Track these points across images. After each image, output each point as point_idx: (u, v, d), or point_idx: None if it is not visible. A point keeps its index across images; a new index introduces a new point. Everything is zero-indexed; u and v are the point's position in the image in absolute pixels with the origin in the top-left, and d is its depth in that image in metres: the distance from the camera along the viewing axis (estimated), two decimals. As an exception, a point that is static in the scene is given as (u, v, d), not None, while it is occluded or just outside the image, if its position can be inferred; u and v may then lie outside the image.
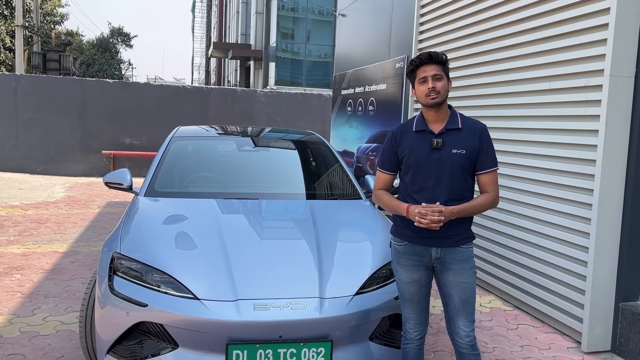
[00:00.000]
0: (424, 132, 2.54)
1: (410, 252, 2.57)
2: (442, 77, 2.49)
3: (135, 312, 2.58)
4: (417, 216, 2.39)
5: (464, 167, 2.50)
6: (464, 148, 2.48)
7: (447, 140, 2.50)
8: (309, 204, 3.71)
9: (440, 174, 2.48)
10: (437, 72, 2.47)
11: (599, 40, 3.64)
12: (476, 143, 2.50)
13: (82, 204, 8.88)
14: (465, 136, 2.51)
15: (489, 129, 2.60)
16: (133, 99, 12.98)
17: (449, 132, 2.51)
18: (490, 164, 2.53)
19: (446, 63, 2.53)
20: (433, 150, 2.49)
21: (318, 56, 25.09)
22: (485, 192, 2.54)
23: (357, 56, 8.95)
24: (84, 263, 5.32)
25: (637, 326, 3.54)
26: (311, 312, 2.58)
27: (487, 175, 2.54)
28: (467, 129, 2.53)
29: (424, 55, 2.49)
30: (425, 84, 2.48)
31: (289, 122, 13.58)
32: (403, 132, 2.61)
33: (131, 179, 3.84)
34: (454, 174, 2.48)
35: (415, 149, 2.53)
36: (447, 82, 2.52)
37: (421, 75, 2.49)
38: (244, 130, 5.03)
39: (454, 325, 2.58)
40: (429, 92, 2.46)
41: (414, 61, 2.52)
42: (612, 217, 3.64)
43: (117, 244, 2.93)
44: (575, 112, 3.87)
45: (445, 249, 2.52)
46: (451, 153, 2.48)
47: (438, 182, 2.48)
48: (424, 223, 2.37)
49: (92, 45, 42.95)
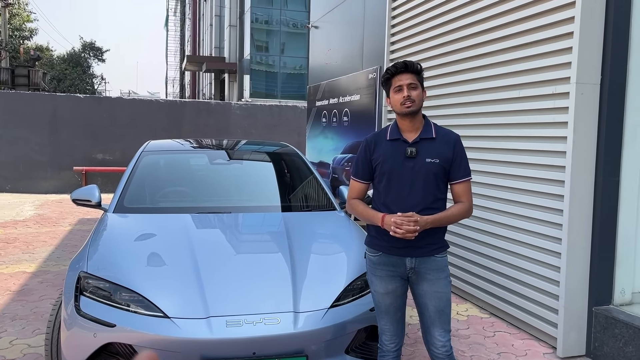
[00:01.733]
0: (398, 140, 2.53)
1: (384, 263, 2.55)
2: (417, 86, 2.49)
3: (103, 333, 2.50)
4: (392, 225, 2.38)
5: (438, 176, 2.50)
6: (437, 157, 2.49)
7: (421, 149, 2.50)
8: (283, 216, 3.67)
9: (414, 183, 2.48)
10: (412, 81, 2.48)
11: (565, 48, 3.71)
12: (450, 153, 2.51)
13: (52, 221, 8.66)
14: (439, 145, 2.51)
15: (461, 138, 2.61)
16: (105, 113, 12.79)
17: (423, 141, 2.51)
18: (463, 174, 2.54)
19: (421, 72, 2.54)
20: (407, 159, 2.49)
21: (293, 68, 25.16)
22: (460, 201, 2.55)
23: (331, 67, 8.98)
24: (53, 283, 5.17)
25: (611, 330, 3.58)
26: (285, 327, 2.53)
27: (461, 185, 2.54)
28: (441, 138, 2.54)
29: (399, 64, 2.50)
30: (401, 92, 2.48)
31: (264, 134, 13.53)
32: (377, 140, 2.60)
33: (100, 195, 3.75)
34: (428, 182, 2.48)
35: (389, 157, 2.52)
36: (422, 92, 2.53)
37: (396, 84, 2.50)
38: (217, 143, 4.98)
39: (430, 335, 2.56)
40: (404, 101, 2.46)
41: (389, 70, 2.53)
42: (583, 223, 3.69)
43: (84, 262, 2.85)
44: (544, 119, 3.92)
45: (420, 259, 2.50)
46: (425, 162, 2.48)
47: (412, 191, 2.48)
48: (400, 233, 2.36)
49: (63, 60, 42.30)
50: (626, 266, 3.73)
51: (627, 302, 3.75)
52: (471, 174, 2.59)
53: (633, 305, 3.73)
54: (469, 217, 2.59)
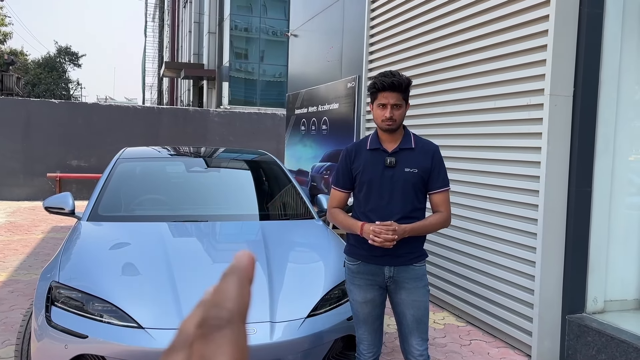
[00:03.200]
0: (378, 150, 2.56)
1: (363, 272, 2.56)
2: (402, 106, 2.51)
3: (75, 345, 2.45)
4: (371, 234, 2.39)
5: (416, 186, 2.52)
6: (416, 167, 2.51)
7: (400, 159, 2.52)
8: (261, 225, 3.65)
9: (393, 192, 2.50)
10: (396, 102, 2.49)
11: (539, 60, 3.78)
12: (428, 163, 2.54)
13: (24, 229, 8.47)
14: (417, 156, 2.54)
15: (439, 147, 2.64)
16: (80, 119, 12.58)
17: (402, 151, 2.54)
18: (442, 184, 2.56)
19: (408, 87, 2.54)
20: (386, 169, 2.52)
21: (272, 76, 25.16)
22: (438, 211, 2.58)
23: (310, 76, 9.00)
24: (24, 293, 5.04)
25: (584, 338, 3.63)
26: (262, 337, 2.51)
27: (439, 195, 2.57)
28: (420, 148, 2.57)
29: (387, 83, 2.48)
30: (384, 110, 2.49)
31: (243, 141, 13.47)
32: (357, 150, 2.62)
33: (73, 202, 3.68)
34: (407, 192, 2.50)
35: (369, 166, 2.54)
36: (406, 107, 2.54)
37: (381, 100, 2.50)
38: (194, 151, 4.93)
39: (408, 344, 2.58)
40: (385, 119, 2.48)
41: (376, 84, 2.52)
42: (557, 232, 3.75)
43: (55, 272, 2.79)
44: (520, 129, 3.99)
45: (398, 267, 2.52)
46: (404, 171, 2.50)
47: (391, 200, 2.50)
48: (378, 241, 2.38)
49: (38, 64, 41.59)
50: (598, 275, 3.80)
51: (599, 310, 3.81)
52: (449, 184, 2.61)
53: (605, 314, 3.80)
54: (447, 226, 2.62)
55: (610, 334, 3.44)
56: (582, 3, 3.67)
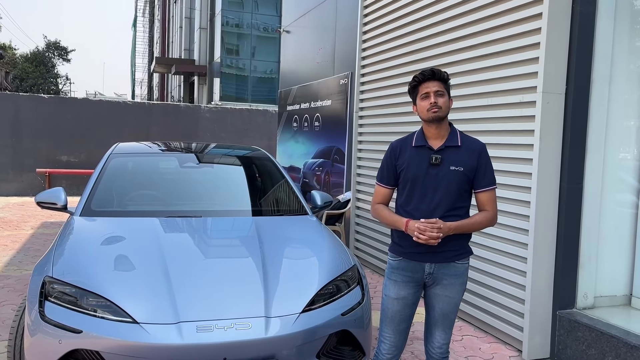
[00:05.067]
0: (423, 147, 2.55)
1: (403, 268, 2.57)
2: (444, 94, 2.51)
3: (69, 340, 2.43)
4: (416, 231, 2.40)
5: (461, 184, 2.51)
6: (461, 165, 2.50)
7: (445, 157, 2.51)
8: (255, 220, 3.65)
9: (437, 190, 2.49)
10: (439, 89, 2.49)
11: (532, 58, 3.81)
12: (474, 161, 2.53)
13: (14, 225, 8.39)
14: (463, 154, 2.53)
15: None
16: (70, 114, 12.48)
17: (448, 149, 2.53)
18: (487, 183, 2.55)
19: (447, 81, 2.55)
20: (431, 166, 2.50)
21: (263, 72, 25.10)
22: (484, 210, 2.57)
23: (302, 72, 8.99)
24: (15, 288, 5.00)
25: (574, 333, 3.67)
26: (256, 332, 2.51)
27: (485, 194, 2.56)
28: (466, 147, 2.55)
29: (427, 72, 2.52)
30: (427, 99, 2.49)
31: (234, 138, 13.44)
32: (402, 146, 2.61)
33: (66, 198, 3.66)
34: (451, 190, 2.49)
35: (414, 164, 2.53)
36: (449, 100, 2.54)
37: (423, 91, 2.51)
38: (187, 147, 4.91)
39: (430, 334, 2.65)
40: (430, 107, 2.47)
41: (416, 77, 2.54)
42: (548, 228, 3.79)
43: (49, 267, 2.77)
44: (512, 127, 4.01)
45: (439, 265, 2.53)
46: (449, 170, 2.49)
47: (434, 198, 2.49)
48: (422, 239, 2.38)
49: (26, 59, 41.14)
50: (589, 271, 3.85)
51: (589, 305, 3.86)
52: (496, 182, 2.59)
53: (595, 309, 3.85)
54: (493, 225, 2.60)
55: (600, 329, 3.49)
56: (574, 1, 3.70)
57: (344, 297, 2.92)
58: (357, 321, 2.88)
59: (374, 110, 6.22)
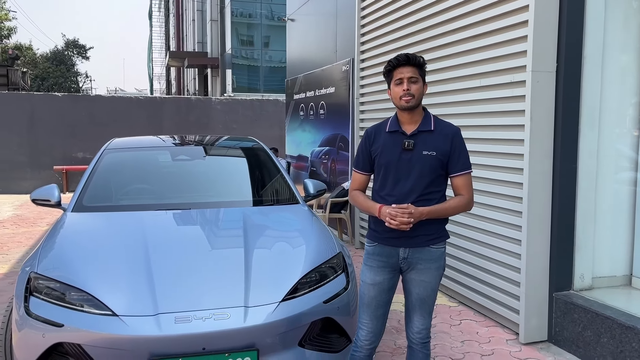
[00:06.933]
0: (397, 132, 2.54)
1: (378, 253, 2.58)
2: (418, 80, 2.49)
3: (52, 333, 2.49)
4: (387, 217, 2.40)
5: (434, 169, 2.49)
6: (434, 150, 2.49)
7: (418, 142, 2.50)
8: (243, 211, 3.66)
9: (410, 175, 2.49)
10: (413, 75, 2.48)
11: (521, 37, 3.72)
12: (447, 146, 2.51)
13: (30, 222, 8.60)
14: (436, 138, 2.51)
15: None
16: (84, 112, 12.69)
17: (421, 134, 2.52)
18: (462, 167, 2.53)
19: (423, 66, 2.53)
20: (404, 151, 2.50)
21: (275, 61, 25.06)
22: (459, 194, 2.55)
23: (307, 60, 8.95)
24: (24, 284, 5.12)
25: (570, 315, 3.62)
26: (235, 321, 2.53)
27: (460, 178, 2.53)
28: (440, 131, 2.53)
29: (401, 57, 2.50)
30: (401, 85, 2.48)
31: (245, 128, 13.48)
32: (377, 132, 2.62)
33: (59, 194, 3.73)
34: (424, 175, 2.48)
35: (387, 149, 2.54)
36: (423, 85, 2.53)
37: (397, 76, 2.50)
38: (181, 140, 4.95)
39: (409, 319, 2.65)
40: (404, 94, 2.46)
41: (391, 62, 2.53)
42: (542, 210, 3.72)
43: (35, 263, 2.84)
44: (504, 107, 3.94)
45: (414, 249, 2.53)
46: (421, 154, 2.48)
47: (407, 183, 2.49)
48: (394, 224, 2.39)
49: (47, 58, 41.80)
50: (585, 252, 3.78)
51: (586, 287, 3.79)
52: (471, 167, 2.56)
53: (593, 290, 3.78)
54: (469, 209, 2.58)
55: (596, 310, 3.43)
56: (562, -24, 3.59)
57: (328, 285, 2.91)
58: (342, 308, 2.88)
59: (374, 95, 6.18)
